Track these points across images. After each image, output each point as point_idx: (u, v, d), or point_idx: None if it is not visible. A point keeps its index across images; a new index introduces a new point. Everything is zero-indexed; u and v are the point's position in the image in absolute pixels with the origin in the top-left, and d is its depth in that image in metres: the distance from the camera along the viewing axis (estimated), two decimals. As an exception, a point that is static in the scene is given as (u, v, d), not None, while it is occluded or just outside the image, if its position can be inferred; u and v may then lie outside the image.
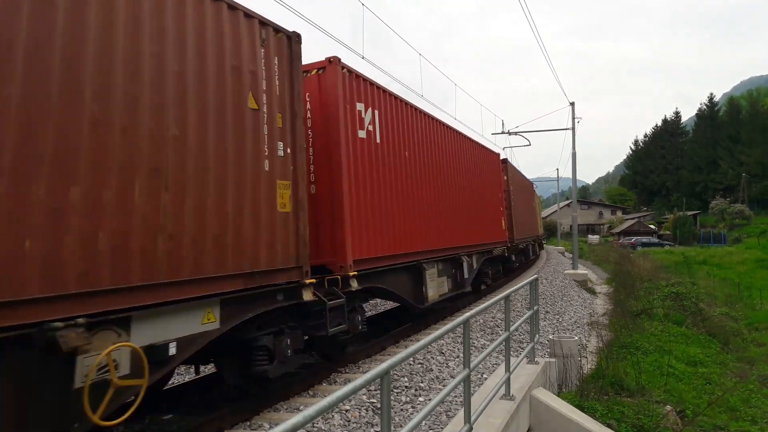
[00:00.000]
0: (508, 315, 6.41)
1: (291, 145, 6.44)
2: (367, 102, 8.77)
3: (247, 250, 5.59)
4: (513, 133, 30.81)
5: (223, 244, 5.29)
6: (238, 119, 5.63)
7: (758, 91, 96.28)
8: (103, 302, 4.11)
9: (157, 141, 4.68)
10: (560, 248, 49.56)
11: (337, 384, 7.44)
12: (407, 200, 9.95)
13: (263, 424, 5.88)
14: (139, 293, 4.40)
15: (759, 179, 77.06)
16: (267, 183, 5.97)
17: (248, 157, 5.73)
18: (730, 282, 28.48)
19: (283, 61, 6.46)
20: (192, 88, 5.09)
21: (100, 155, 4.17)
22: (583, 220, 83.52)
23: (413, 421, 3.36)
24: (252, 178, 5.75)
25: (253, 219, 5.72)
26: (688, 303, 18.04)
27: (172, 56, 4.89)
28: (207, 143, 5.20)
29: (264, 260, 5.83)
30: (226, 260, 5.31)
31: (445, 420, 6.03)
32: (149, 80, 4.64)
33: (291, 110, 6.50)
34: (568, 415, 6.61)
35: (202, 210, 5.07)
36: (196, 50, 5.17)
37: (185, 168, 4.93)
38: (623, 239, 67.23)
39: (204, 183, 5.12)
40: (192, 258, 4.91)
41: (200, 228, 5.03)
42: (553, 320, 14.34)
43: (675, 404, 8.59)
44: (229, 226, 5.38)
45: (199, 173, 5.07)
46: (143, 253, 4.45)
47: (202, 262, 5.01)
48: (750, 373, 12.03)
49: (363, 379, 2.73)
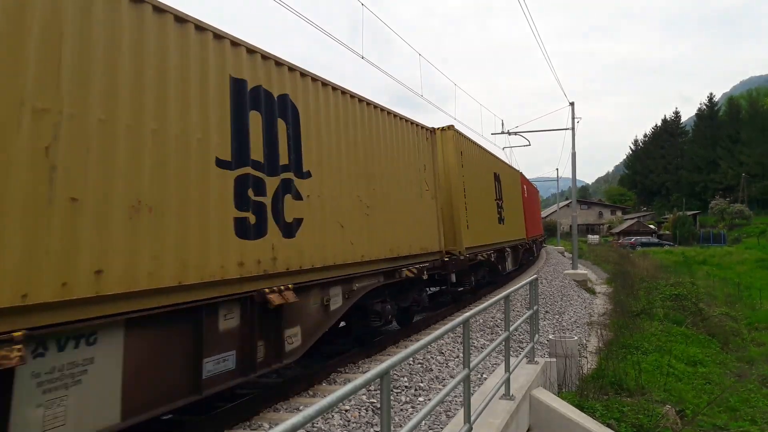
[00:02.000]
0: (507, 315, 6.41)
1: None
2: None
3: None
4: (513, 133, 30.83)
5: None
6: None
7: (758, 91, 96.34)
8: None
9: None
10: (560, 248, 49.55)
11: (337, 384, 7.45)
12: None
13: (263, 424, 5.88)
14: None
15: (759, 179, 77.09)
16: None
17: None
18: (730, 282, 28.48)
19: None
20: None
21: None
22: (583, 220, 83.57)
23: (413, 421, 3.36)
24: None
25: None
26: (688, 303, 18.05)
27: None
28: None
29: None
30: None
31: (445, 420, 6.03)
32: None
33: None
34: (567, 414, 6.61)
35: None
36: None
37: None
38: (623, 239, 67.26)
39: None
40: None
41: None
42: (553, 320, 14.34)
43: (675, 404, 8.59)
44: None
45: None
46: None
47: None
48: (750, 372, 12.04)
49: (363, 378, 2.73)
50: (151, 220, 4.66)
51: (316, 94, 7.41)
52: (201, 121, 5.31)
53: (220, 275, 5.35)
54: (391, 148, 9.66)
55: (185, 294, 4.95)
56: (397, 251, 9.46)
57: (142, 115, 4.67)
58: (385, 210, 9.13)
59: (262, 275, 5.93)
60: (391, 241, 9.25)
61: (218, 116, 5.55)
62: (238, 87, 5.88)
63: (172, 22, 5.09)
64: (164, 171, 4.84)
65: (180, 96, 5.10)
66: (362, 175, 8.49)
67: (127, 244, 4.42)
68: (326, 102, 7.65)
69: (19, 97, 3.75)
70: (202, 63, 5.42)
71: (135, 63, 4.66)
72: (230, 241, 5.53)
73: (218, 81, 5.61)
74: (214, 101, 5.51)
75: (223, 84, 5.69)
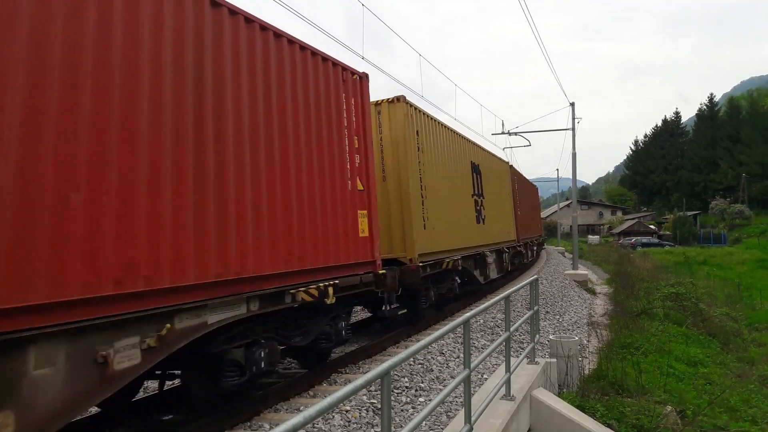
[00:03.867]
0: (508, 315, 6.41)
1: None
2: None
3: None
4: (513, 133, 30.81)
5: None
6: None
7: (758, 92, 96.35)
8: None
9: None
10: (560, 248, 49.55)
11: (338, 384, 7.44)
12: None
13: (263, 425, 5.87)
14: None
15: (759, 179, 77.06)
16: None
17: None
18: (730, 282, 28.48)
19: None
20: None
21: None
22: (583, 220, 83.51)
23: (414, 421, 3.36)
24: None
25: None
26: (688, 303, 18.04)
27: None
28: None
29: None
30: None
31: (446, 420, 6.03)
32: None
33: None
34: (568, 415, 6.61)
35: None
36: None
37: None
38: (623, 239, 67.26)
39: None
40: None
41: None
42: (553, 320, 14.33)
43: (675, 404, 8.58)
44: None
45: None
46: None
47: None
48: (750, 373, 12.03)
49: (363, 379, 2.73)
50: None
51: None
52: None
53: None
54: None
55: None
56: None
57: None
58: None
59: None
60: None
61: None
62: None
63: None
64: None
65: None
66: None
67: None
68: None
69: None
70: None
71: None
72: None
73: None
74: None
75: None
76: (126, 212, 4.33)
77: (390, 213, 10.10)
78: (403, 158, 10.29)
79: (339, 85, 7.78)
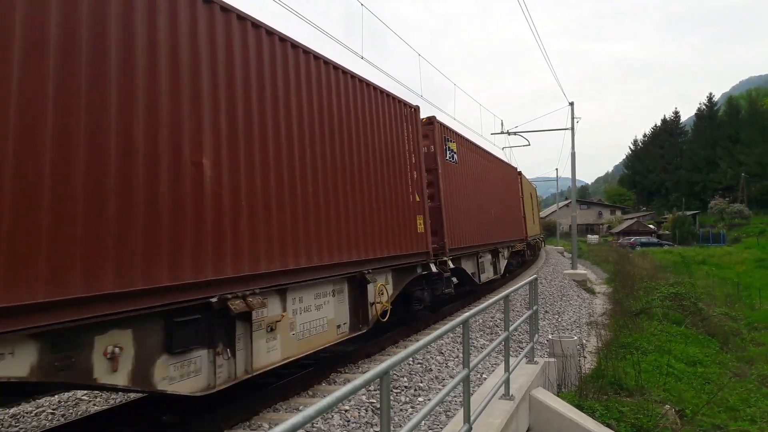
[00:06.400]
0: (507, 315, 6.42)
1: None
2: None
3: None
4: (512, 133, 30.82)
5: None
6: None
7: (757, 91, 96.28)
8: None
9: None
10: (559, 248, 49.60)
11: (337, 384, 7.45)
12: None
13: (263, 425, 5.88)
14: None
15: (758, 179, 77.08)
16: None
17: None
18: (730, 282, 28.51)
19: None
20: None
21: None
22: (583, 219, 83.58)
23: (413, 421, 3.36)
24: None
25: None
26: (688, 303, 18.05)
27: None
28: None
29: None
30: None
31: (445, 420, 6.04)
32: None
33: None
34: (567, 414, 6.62)
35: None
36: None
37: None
38: (622, 239, 67.28)
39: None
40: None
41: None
42: (553, 320, 14.34)
43: (674, 404, 8.60)
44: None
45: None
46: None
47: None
48: (749, 372, 12.05)
49: (362, 379, 2.73)
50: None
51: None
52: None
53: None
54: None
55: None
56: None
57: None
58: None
59: None
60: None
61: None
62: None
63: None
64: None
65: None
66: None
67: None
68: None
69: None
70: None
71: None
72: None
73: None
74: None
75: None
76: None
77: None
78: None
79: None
